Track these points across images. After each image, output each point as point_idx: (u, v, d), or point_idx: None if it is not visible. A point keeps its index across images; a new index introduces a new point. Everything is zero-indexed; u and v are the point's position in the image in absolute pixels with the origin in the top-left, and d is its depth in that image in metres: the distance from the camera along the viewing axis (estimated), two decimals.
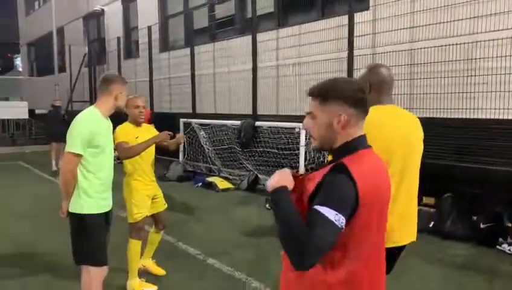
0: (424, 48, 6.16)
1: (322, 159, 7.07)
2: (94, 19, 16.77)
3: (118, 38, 13.84)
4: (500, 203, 5.06)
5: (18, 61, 32.81)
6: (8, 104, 16.88)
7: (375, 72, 2.37)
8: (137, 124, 3.72)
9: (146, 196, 3.78)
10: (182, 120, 10.13)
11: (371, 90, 2.34)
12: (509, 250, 4.60)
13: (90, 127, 2.79)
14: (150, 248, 4.09)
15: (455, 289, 3.78)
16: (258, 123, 8.19)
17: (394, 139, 2.21)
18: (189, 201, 7.24)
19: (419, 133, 2.39)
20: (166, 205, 4.04)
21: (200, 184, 8.44)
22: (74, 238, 2.89)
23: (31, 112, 17.80)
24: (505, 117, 5.28)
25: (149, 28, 11.82)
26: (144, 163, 3.75)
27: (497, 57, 5.36)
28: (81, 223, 2.83)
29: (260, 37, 8.92)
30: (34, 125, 17.79)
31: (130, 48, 14.60)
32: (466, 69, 5.73)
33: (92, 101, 15.82)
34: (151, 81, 12.14)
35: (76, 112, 3.02)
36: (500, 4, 5.33)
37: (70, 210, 2.86)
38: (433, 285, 3.86)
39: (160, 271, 4.09)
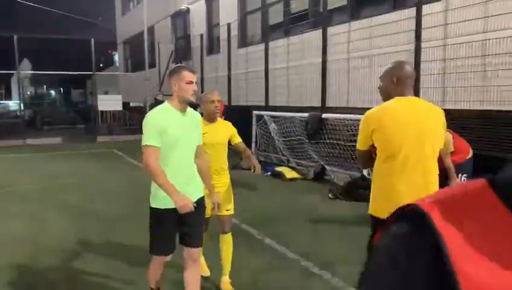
0: (498, 38, 5.96)
1: None
2: (181, 17, 17.95)
3: (201, 35, 14.75)
4: None
5: (117, 58, 35.83)
6: (106, 97, 18.74)
7: (400, 68, 2.66)
8: (211, 120, 3.61)
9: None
10: (254, 112, 10.66)
11: (397, 84, 2.63)
12: None
13: (156, 119, 2.80)
14: (222, 256, 3.76)
15: None
16: (324, 115, 8.41)
17: (407, 123, 2.54)
18: (257, 187, 7.72)
19: (435, 121, 2.64)
20: (229, 211, 3.67)
21: (269, 173, 8.89)
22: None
23: (126, 104, 19.60)
24: None
25: (228, 24, 12.48)
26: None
27: None
28: (150, 215, 2.95)
29: (332, 30, 9.09)
30: (128, 116, 19.54)
31: (212, 44, 15.45)
32: None
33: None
34: (229, 75, 12.83)
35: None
36: None
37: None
38: None
39: None
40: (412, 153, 2.53)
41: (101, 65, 35.69)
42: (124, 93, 20.26)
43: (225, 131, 3.72)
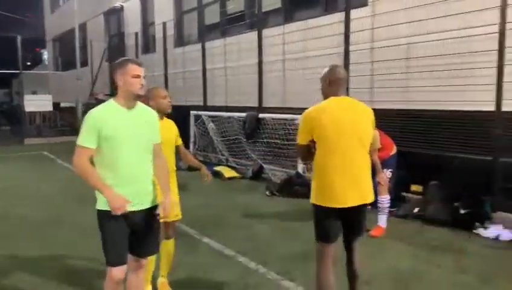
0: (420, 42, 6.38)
1: None
2: (114, 15, 17.40)
3: (136, 34, 14.43)
4: (481, 191, 5.33)
5: (46, 56, 34.00)
6: (34, 97, 17.77)
7: (332, 71, 2.96)
8: (161, 117, 3.42)
9: None
10: (192, 112, 10.63)
11: (330, 86, 2.93)
12: (484, 233, 4.89)
13: (96, 117, 2.62)
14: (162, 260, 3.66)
15: (423, 266, 4.12)
16: (261, 115, 8.58)
17: (343, 123, 2.82)
18: (196, 188, 7.71)
19: (366, 120, 2.94)
20: (178, 216, 3.52)
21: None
22: None
23: (57, 105, 18.68)
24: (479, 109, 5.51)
25: (164, 23, 12.32)
26: None
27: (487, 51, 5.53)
28: (98, 218, 2.72)
29: (268, 32, 9.28)
30: (58, 117, 18.62)
31: (148, 43, 15.15)
32: (459, 63, 5.94)
33: (112, 94, 16.52)
34: (166, 75, 12.68)
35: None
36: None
37: None
38: (405, 263, 4.20)
39: None
40: (347, 150, 2.81)
41: (29, 64, 33.67)
42: (54, 93, 19.30)
43: (173, 129, 3.61)
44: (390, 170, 5.13)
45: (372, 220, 5.05)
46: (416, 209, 5.59)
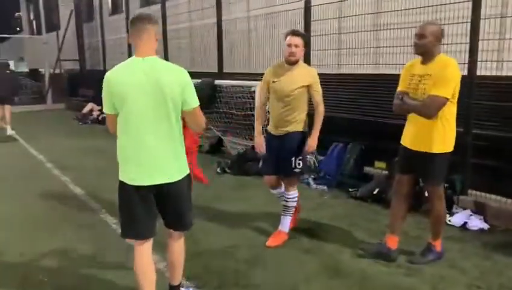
0: None
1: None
2: None
3: None
4: (452, 169, 4.56)
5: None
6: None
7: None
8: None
9: None
10: None
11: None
12: (450, 221, 4.17)
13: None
14: None
15: None
16: (217, 82, 7.67)
17: None
18: None
19: None
20: None
21: None
22: None
23: (34, 71, 17.74)
24: None
25: None
26: None
27: None
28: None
29: None
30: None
31: (116, 3, 14.08)
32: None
33: (81, 60, 15.57)
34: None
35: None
36: None
37: None
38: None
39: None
40: None
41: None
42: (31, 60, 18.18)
43: None
44: None
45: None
46: (376, 191, 4.84)
